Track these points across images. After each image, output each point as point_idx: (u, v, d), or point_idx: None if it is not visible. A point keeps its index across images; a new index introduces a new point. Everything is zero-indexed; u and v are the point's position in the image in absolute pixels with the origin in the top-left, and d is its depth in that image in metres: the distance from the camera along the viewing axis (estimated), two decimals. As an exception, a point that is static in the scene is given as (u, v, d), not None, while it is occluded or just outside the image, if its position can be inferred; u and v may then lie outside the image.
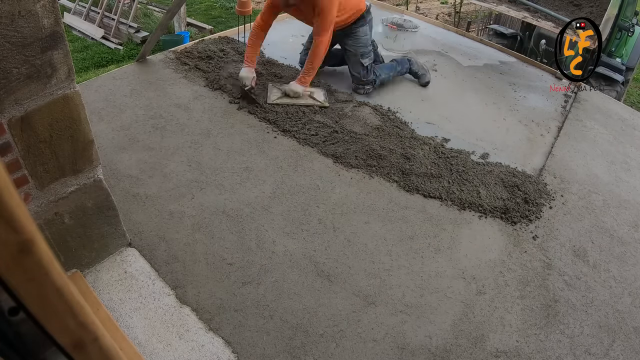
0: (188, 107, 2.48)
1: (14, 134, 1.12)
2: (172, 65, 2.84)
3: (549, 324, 1.61)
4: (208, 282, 1.59)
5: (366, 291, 1.63)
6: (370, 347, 1.46)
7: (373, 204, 2.01)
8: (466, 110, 2.86)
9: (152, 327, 1.43)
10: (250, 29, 2.65)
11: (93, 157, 1.35)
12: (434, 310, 1.60)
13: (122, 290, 1.52)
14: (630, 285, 1.81)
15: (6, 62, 1.03)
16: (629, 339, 1.60)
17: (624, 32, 4.12)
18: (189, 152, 2.17)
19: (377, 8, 4.40)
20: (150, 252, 1.67)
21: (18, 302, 0.33)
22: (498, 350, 1.50)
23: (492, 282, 1.73)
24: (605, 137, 2.81)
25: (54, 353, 0.38)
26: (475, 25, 7.12)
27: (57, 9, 1.08)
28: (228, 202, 1.92)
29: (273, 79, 2.79)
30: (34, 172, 1.21)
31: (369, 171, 2.19)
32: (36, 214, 1.28)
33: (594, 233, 2.03)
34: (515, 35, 4.60)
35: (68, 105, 1.21)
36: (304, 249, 1.76)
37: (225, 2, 8.06)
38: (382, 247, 1.81)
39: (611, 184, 2.38)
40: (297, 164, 2.18)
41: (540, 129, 2.76)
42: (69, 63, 1.16)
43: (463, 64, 3.45)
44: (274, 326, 1.48)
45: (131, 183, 1.95)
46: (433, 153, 2.34)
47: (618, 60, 4.28)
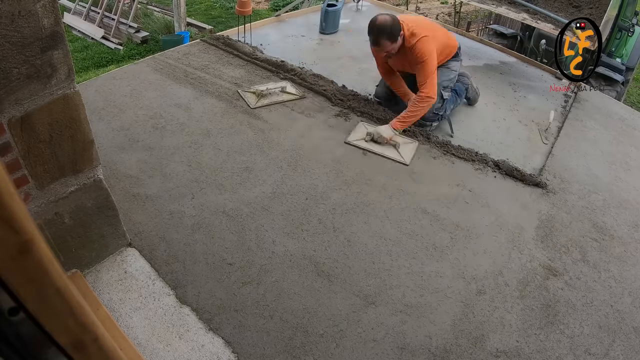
0: (188, 107, 2.48)
1: (14, 134, 1.12)
2: (173, 64, 2.84)
3: (549, 324, 1.60)
4: (208, 282, 1.59)
5: (366, 291, 1.63)
6: (370, 347, 1.46)
7: (373, 204, 2.01)
8: (466, 110, 2.86)
9: (152, 327, 1.43)
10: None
11: (93, 157, 1.35)
12: (434, 310, 1.60)
13: (122, 290, 1.52)
14: (630, 285, 1.81)
15: (6, 62, 1.03)
16: (629, 339, 1.60)
17: (624, 32, 4.12)
18: (189, 152, 2.17)
19: (377, 8, 4.40)
20: (150, 252, 1.67)
21: (18, 302, 0.33)
22: (498, 350, 1.50)
23: (492, 282, 1.73)
24: (605, 137, 2.81)
25: (54, 353, 0.38)
26: (475, 25, 7.12)
27: (57, 9, 1.08)
28: (228, 202, 1.92)
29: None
30: (34, 172, 1.21)
31: (369, 171, 2.19)
32: (36, 214, 1.28)
33: (594, 233, 2.03)
34: (515, 35, 4.60)
35: (68, 105, 1.20)
36: (304, 249, 1.76)
37: (225, 2, 8.06)
38: (382, 247, 1.81)
39: (611, 184, 2.38)
40: (297, 164, 2.18)
41: (541, 129, 2.76)
42: (69, 63, 1.16)
43: (463, 64, 3.45)
44: (274, 326, 1.48)
45: (131, 183, 1.95)
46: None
47: (618, 60, 4.27)
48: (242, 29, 3.26)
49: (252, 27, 3.37)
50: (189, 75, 2.77)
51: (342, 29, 3.77)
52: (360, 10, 4.31)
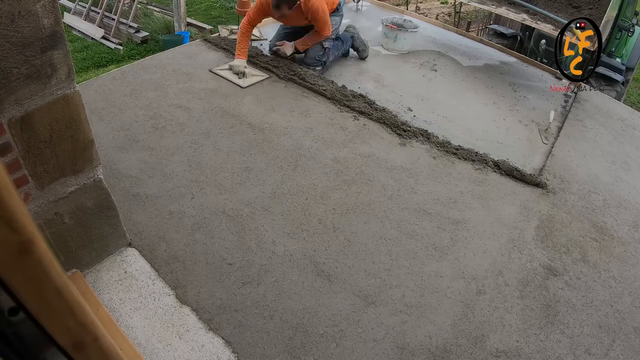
0: (188, 107, 2.48)
1: (14, 134, 1.12)
2: (173, 64, 2.84)
3: (549, 324, 1.61)
4: (208, 282, 1.59)
5: (366, 291, 1.63)
6: (370, 347, 1.46)
7: (373, 204, 2.01)
8: (466, 110, 2.86)
9: (152, 327, 1.43)
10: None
11: (93, 157, 1.35)
12: (434, 310, 1.60)
13: (122, 290, 1.52)
14: (630, 285, 1.81)
15: (6, 62, 1.03)
16: (629, 339, 1.60)
17: (624, 32, 4.11)
18: (189, 152, 2.17)
19: (377, 8, 4.40)
20: (150, 252, 1.67)
21: (18, 302, 0.33)
22: (498, 350, 1.50)
23: (492, 282, 1.73)
24: (605, 137, 2.82)
25: (54, 353, 0.38)
26: (475, 25, 7.12)
27: (57, 8, 1.08)
28: (228, 202, 1.92)
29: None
30: (34, 172, 1.21)
31: (369, 171, 2.19)
32: (36, 214, 1.28)
33: (594, 233, 2.03)
34: (515, 35, 4.60)
35: (68, 105, 1.20)
36: (304, 249, 1.76)
37: (225, 2, 8.06)
38: (382, 247, 1.81)
39: (611, 184, 2.38)
40: (297, 164, 2.18)
41: (541, 129, 2.76)
42: (69, 63, 1.16)
43: (463, 64, 3.46)
44: (274, 326, 1.48)
45: (131, 183, 1.95)
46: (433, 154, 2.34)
47: (618, 60, 4.27)
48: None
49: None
50: (189, 75, 2.77)
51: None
52: (360, 10, 4.31)
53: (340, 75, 3.06)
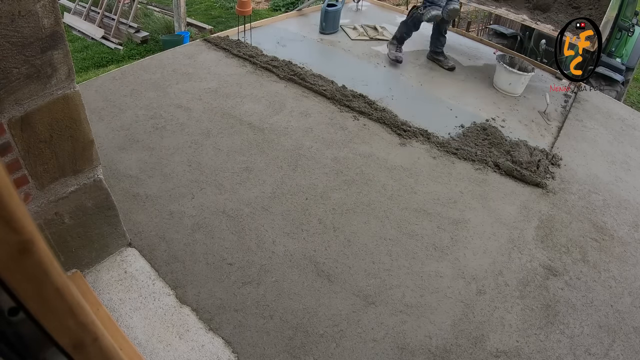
0: (188, 107, 2.48)
1: (14, 134, 1.12)
2: (173, 64, 2.84)
3: (549, 324, 1.60)
4: (208, 282, 1.59)
5: (366, 291, 1.63)
6: (370, 347, 1.46)
7: (373, 204, 2.01)
8: (466, 110, 2.86)
9: (152, 327, 1.43)
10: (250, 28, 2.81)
11: (93, 157, 1.35)
12: (434, 310, 1.60)
13: (122, 290, 1.52)
14: (630, 285, 1.81)
15: (6, 62, 1.02)
16: (629, 339, 1.60)
17: (624, 32, 4.11)
18: (189, 152, 2.17)
19: (377, 8, 4.40)
20: (150, 252, 1.67)
21: (18, 302, 0.33)
22: (498, 350, 1.50)
23: (492, 282, 1.73)
24: (605, 137, 2.81)
25: (54, 353, 0.38)
26: (475, 25, 7.11)
27: (57, 8, 1.07)
28: (228, 202, 1.92)
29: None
30: (34, 172, 1.21)
31: (369, 171, 2.19)
32: (36, 214, 1.28)
33: (594, 233, 2.03)
34: (515, 35, 4.60)
35: (68, 105, 1.20)
36: (304, 249, 1.76)
37: (225, 2, 8.06)
38: (382, 247, 1.81)
39: (611, 184, 2.38)
40: (297, 164, 2.18)
41: (540, 129, 2.76)
42: (69, 63, 1.16)
43: (463, 64, 3.45)
44: (274, 326, 1.48)
45: (131, 183, 1.95)
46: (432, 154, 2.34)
47: (618, 60, 4.27)
48: (242, 28, 3.26)
49: (252, 27, 3.37)
50: (189, 75, 2.77)
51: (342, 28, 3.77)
52: (360, 10, 4.31)
53: (340, 75, 3.06)
